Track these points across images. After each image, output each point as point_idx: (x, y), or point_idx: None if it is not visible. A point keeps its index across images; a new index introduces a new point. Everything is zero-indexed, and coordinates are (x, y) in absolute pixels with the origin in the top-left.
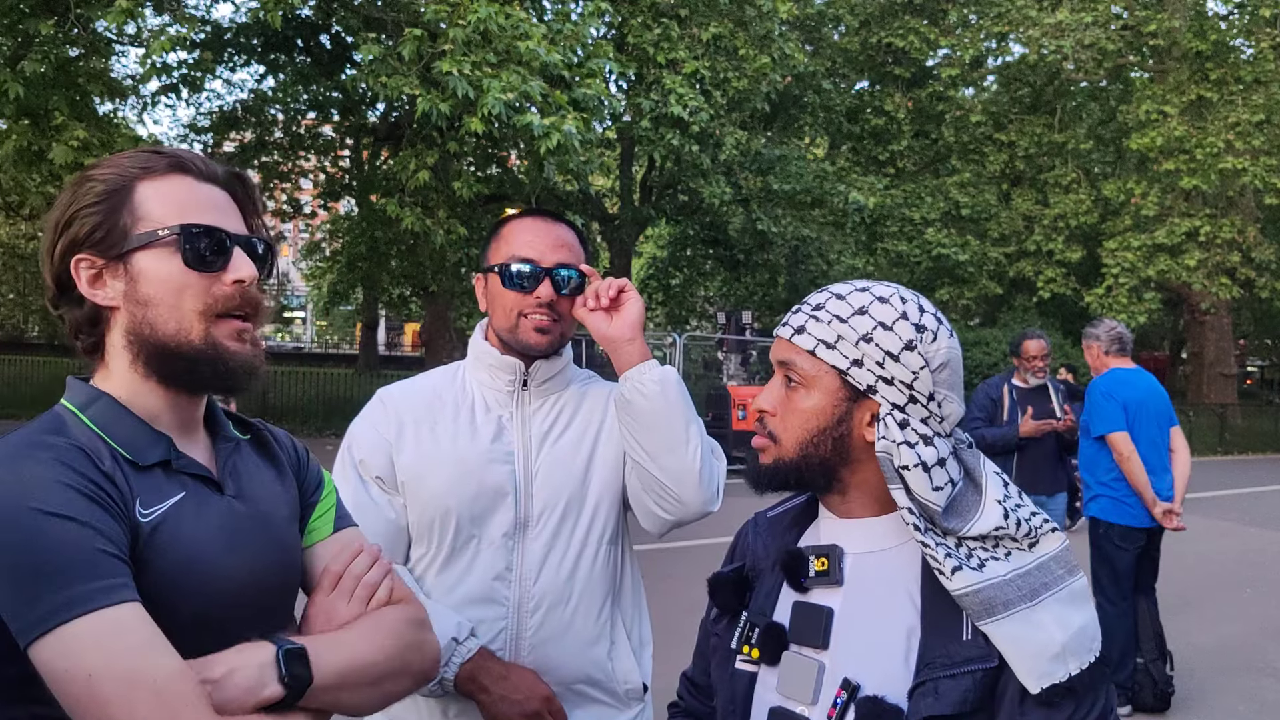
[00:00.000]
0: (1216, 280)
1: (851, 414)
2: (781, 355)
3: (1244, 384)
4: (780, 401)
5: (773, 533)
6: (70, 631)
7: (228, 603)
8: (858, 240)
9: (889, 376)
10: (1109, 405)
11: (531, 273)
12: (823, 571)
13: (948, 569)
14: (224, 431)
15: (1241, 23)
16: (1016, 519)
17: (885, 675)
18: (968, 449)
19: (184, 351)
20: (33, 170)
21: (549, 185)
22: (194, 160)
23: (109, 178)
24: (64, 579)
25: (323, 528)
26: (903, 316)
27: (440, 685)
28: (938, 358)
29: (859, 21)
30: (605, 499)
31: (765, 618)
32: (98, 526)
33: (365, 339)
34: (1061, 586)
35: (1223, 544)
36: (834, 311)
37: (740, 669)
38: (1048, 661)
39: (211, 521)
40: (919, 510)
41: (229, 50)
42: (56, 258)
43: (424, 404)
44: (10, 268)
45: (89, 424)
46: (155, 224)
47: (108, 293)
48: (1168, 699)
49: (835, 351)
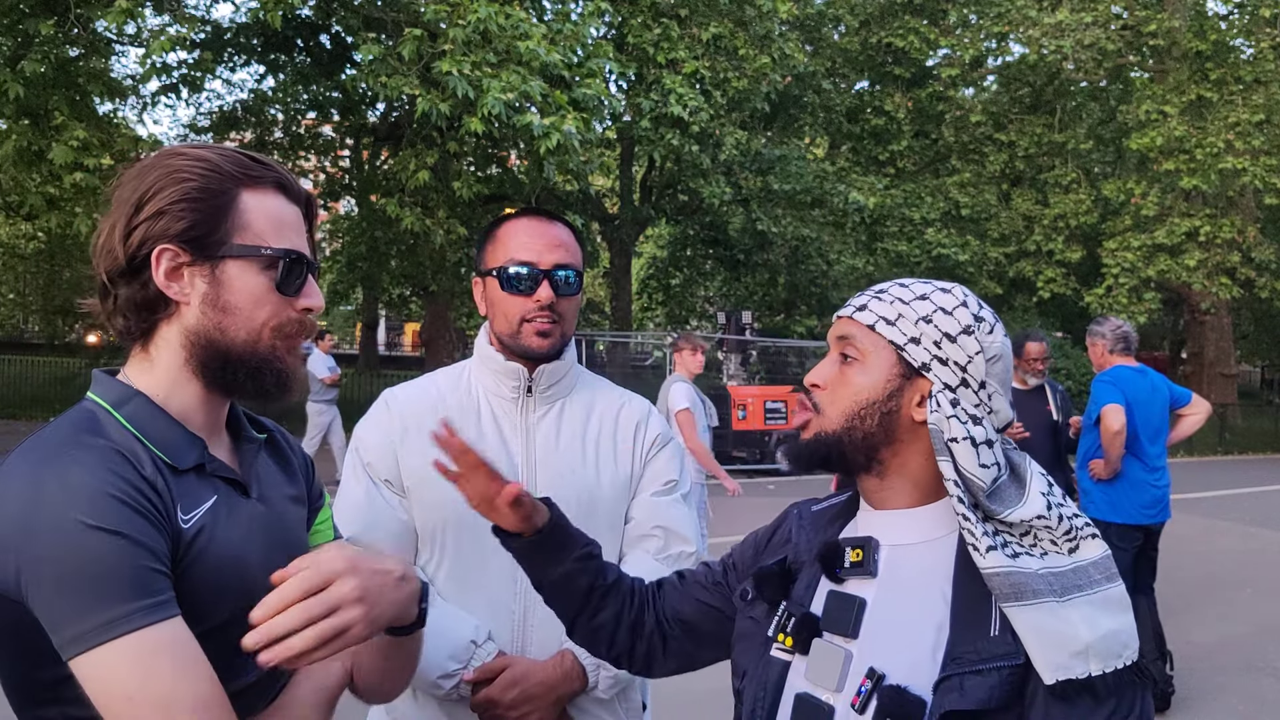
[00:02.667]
0: (1216, 280)
1: (903, 391)
2: (841, 331)
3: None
4: (833, 376)
5: (816, 526)
6: (111, 651)
7: (257, 601)
8: (858, 240)
9: (944, 357)
10: (1112, 391)
11: (530, 275)
12: (857, 563)
13: (983, 547)
14: (246, 433)
15: (1241, 23)
16: (1059, 514)
17: (912, 667)
18: (1014, 450)
19: (249, 361)
20: (33, 170)
21: (549, 185)
22: (289, 179)
23: (207, 176)
24: (106, 597)
25: (326, 532)
26: (963, 304)
27: (458, 689)
28: (992, 349)
29: (859, 21)
30: (610, 510)
31: (803, 608)
32: (142, 541)
33: (365, 339)
34: (1096, 590)
35: (1223, 544)
36: (897, 295)
37: (775, 657)
38: (1068, 656)
39: (242, 524)
40: (964, 485)
41: (229, 50)
42: (135, 241)
43: (428, 409)
44: (10, 268)
45: (125, 424)
46: (257, 239)
47: (184, 288)
48: (1168, 699)
49: (895, 328)
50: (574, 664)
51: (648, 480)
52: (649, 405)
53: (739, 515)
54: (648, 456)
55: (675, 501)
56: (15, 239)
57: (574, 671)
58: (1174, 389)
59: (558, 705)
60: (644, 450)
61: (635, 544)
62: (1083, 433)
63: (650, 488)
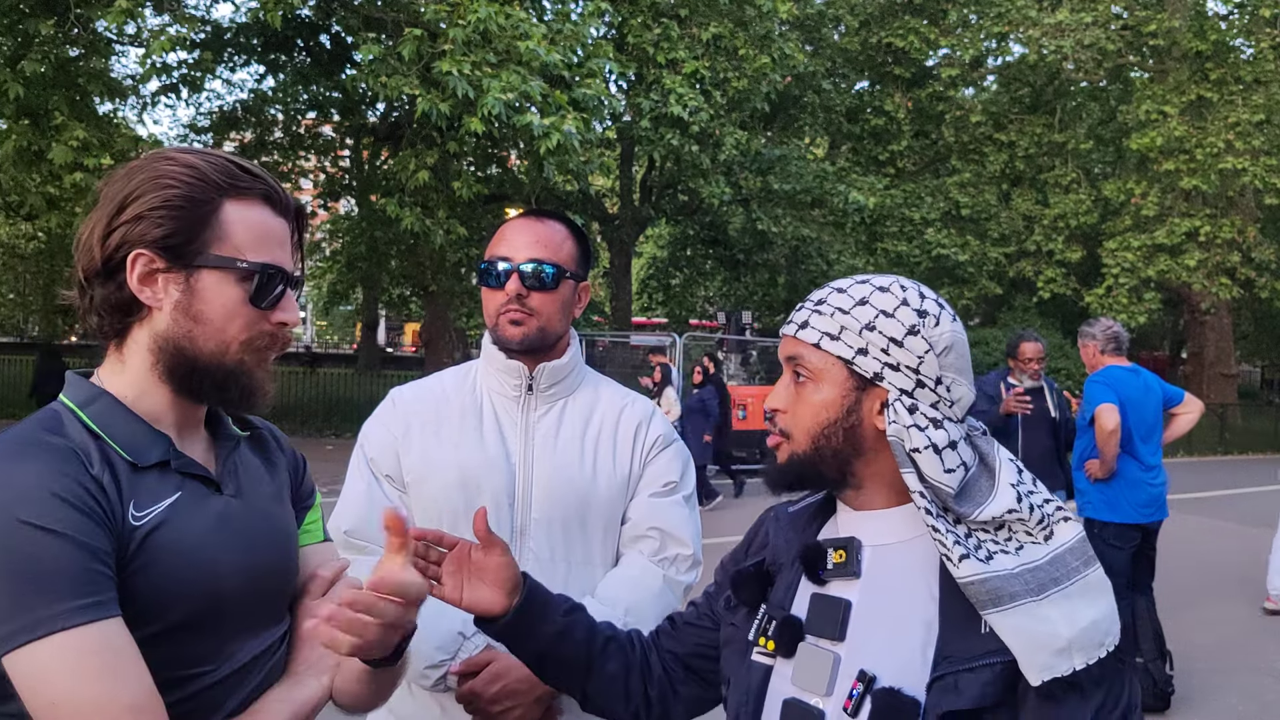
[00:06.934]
0: (1216, 280)
1: (861, 403)
2: (789, 351)
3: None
4: (790, 398)
5: (794, 527)
6: (40, 650)
7: (231, 598)
8: (858, 240)
9: (895, 362)
10: (1106, 391)
11: (503, 270)
12: (840, 564)
13: (955, 556)
14: (225, 430)
15: (1241, 23)
16: (1030, 504)
17: (902, 667)
18: (981, 435)
19: (215, 371)
20: (33, 170)
21: (549, 185)
22: (278, 191)
23: (192, 185)
24: (40, 594)
25: (315, 531)
26: (904, 303)
27: (444, 680)
28: (942, 341)
29: (859, 21)
30: (606, 511)
31: (783, 611)
32: (83, 541)
33: (365, 339)
34: (1074, 580)
35: (1223, 544)
36: (836, 304)
37: (756, 661)
38: (1051, 655)
39: (208, 521)
40: (931, 494)
41: (229, 50)
42: (113, 243)
43: (432, 406)
44: (10, 268)
45: (88, 423)
46: (236, 251)
47: (157, 294)
48: (1168, 698)
49: (840, 342)
50: None
51: (647, 481)
52: (653, 406)
53: (740, 517)
54: (648, 457)
55: (675, 503)
56: (15, 239)
57: None
58: (1167, 388)
59: (541, 702)
60: (644, 451)
61: (631, 545)
62: (1078, 434)
63: (649, 489)
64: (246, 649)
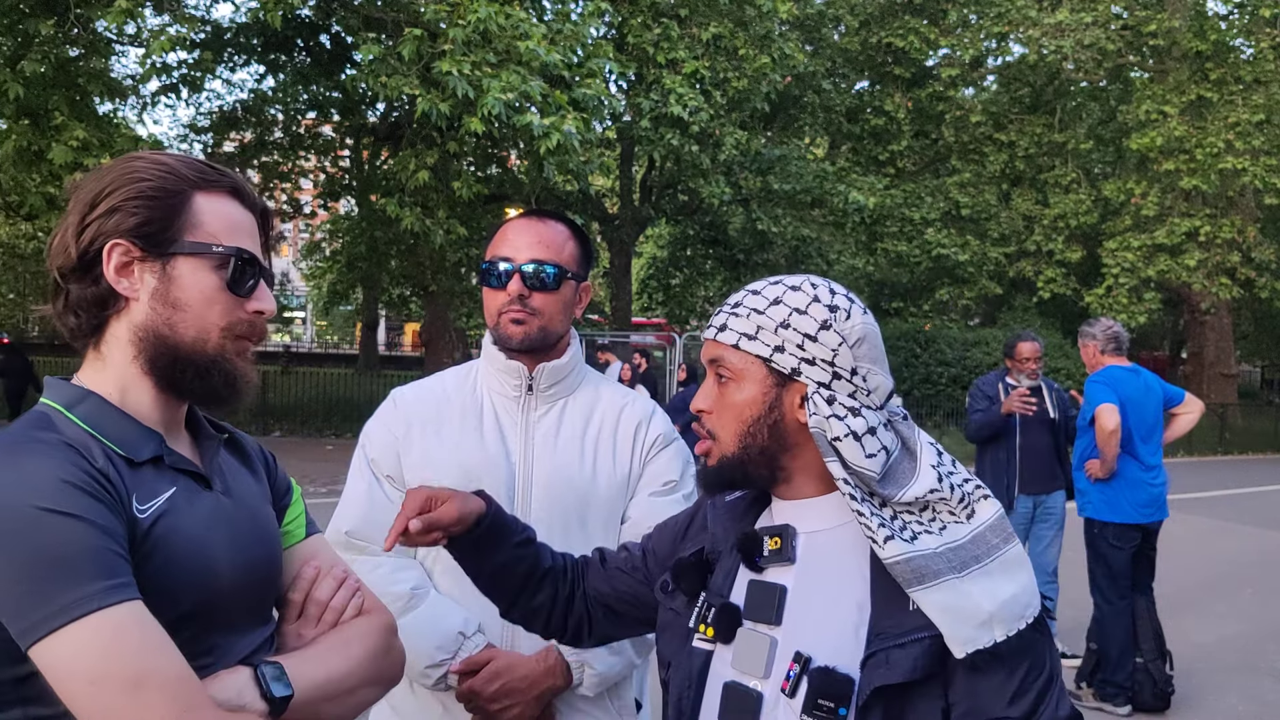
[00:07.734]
0: (1216, 280)
1: (782, 399)
2: (710, 355)
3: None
4: (715, 399)
5: (731, 516)
6: (72, 634)
7: (226, 593)
8: (858, 240)
9: (810, 357)
10: (1106, 391)
11: (505, 270)
12: (776, 551)
13: (880, 538)
14: (205, 431)
15: (1241, 23)
16: (950, 484)
17: (837, 647)
18: (903, 421)
19: (197, 359)
20: (33, 170)
21: (549, 185)
22: (245, 187)
23: (163, 177)
24: (66, 580)
25: (296, 531)
26: (815, 300)
27: (445, 679)
28: (854, 334)
29: (859, 21)
30: (606, 510)
31: (722, 598)
32: (100, 524)
33: (365, 339)
34: (994, 556)
35: (1223, 544)
36: (751, 306)
37: (697, 647)
38: (974, 628)
39: (204, 515)
40: (856, 480)
41: (229, 50)
42: (87, 238)
43: (433, 406)
44: (10, 268)
45: (78, 422)
46: (209, 237)
47: (134, 284)
48: (1168, 698)
49: (757, 341)
50: (558, 660)
51: (647, 480)
52: (653, 405)
53: None
54: (648, 457)
55: (674, 502)
56: (15, 239)
57: (557, 668)
58: (1167, 388)
59: (540, 701)
60: (644, 450)
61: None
62: (1078, 434)
63: (649, 488)
64: (237, 647)
